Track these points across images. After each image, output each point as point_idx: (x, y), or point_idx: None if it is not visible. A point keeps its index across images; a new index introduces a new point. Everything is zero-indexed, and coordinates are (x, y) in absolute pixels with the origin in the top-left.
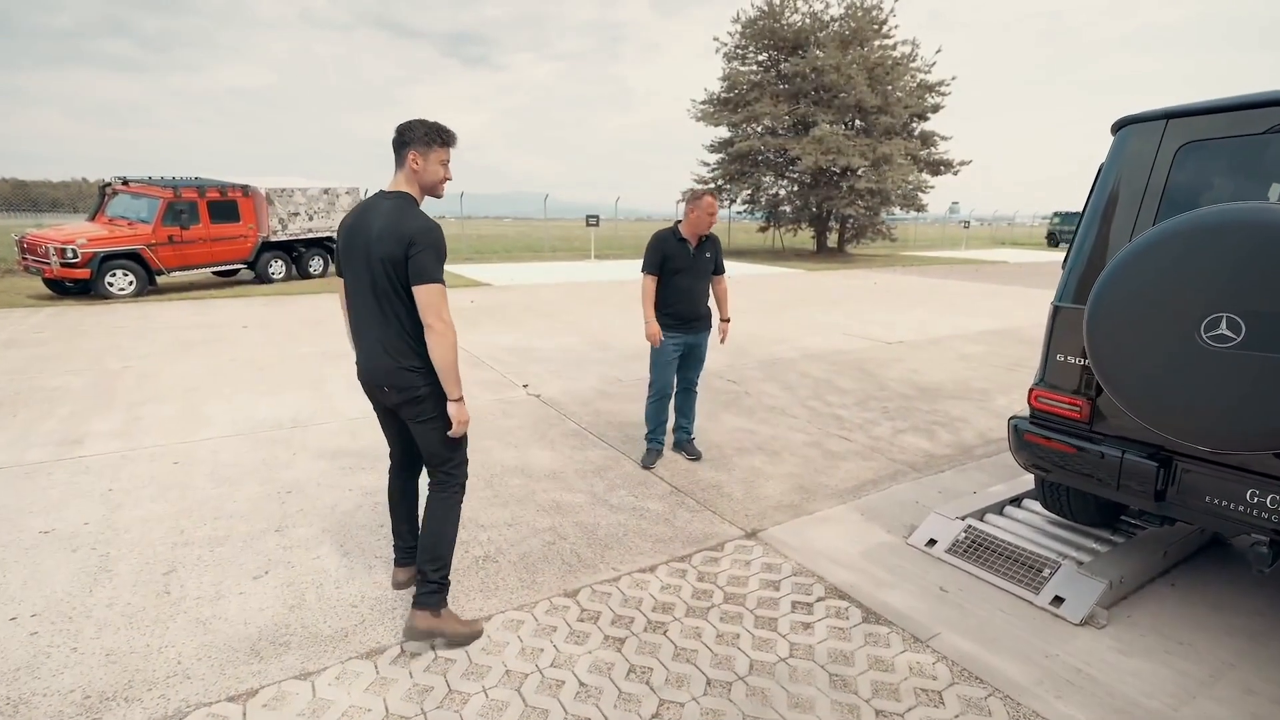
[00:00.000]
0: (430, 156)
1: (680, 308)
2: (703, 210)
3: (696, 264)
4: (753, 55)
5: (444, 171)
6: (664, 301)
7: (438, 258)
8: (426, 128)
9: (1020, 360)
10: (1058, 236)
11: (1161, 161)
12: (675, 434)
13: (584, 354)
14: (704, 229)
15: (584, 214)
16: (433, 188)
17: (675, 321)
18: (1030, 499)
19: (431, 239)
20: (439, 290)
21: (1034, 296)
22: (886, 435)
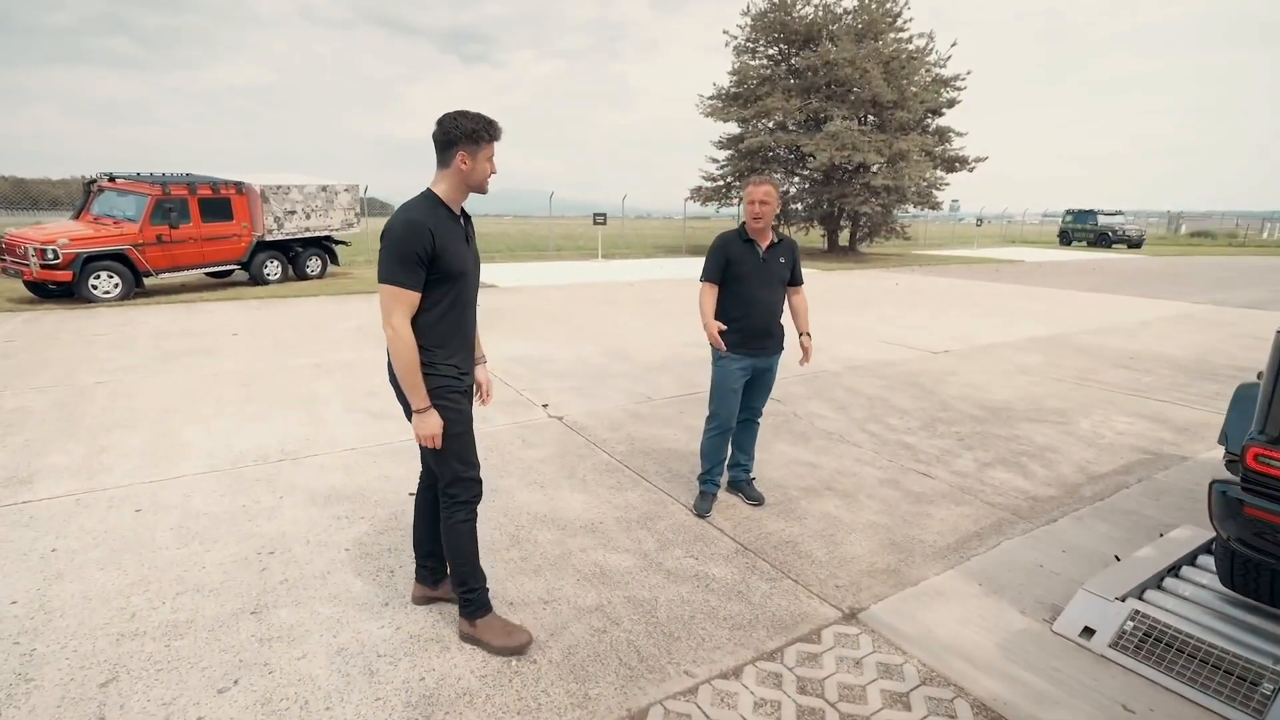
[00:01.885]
0: (479, 155)
1: (746, 322)
2: (748, 201)
3: (766, 270)
4: (763, 49)
5: (491, 167)
6: (726, 314)
7: (393, 257)
8: (475, 123)
9: (1085, 373)
10: (1070, 235)
11: None
12: (731, 471)
13: (604, 366)
14: (762, 225)
15: (585, 212)
16: (480, 185)
17: (740, 339)
18: (1191, 567)
19: (390, 236)
20: (389, 293)
21: (1069, 299)
22: (971, 470)
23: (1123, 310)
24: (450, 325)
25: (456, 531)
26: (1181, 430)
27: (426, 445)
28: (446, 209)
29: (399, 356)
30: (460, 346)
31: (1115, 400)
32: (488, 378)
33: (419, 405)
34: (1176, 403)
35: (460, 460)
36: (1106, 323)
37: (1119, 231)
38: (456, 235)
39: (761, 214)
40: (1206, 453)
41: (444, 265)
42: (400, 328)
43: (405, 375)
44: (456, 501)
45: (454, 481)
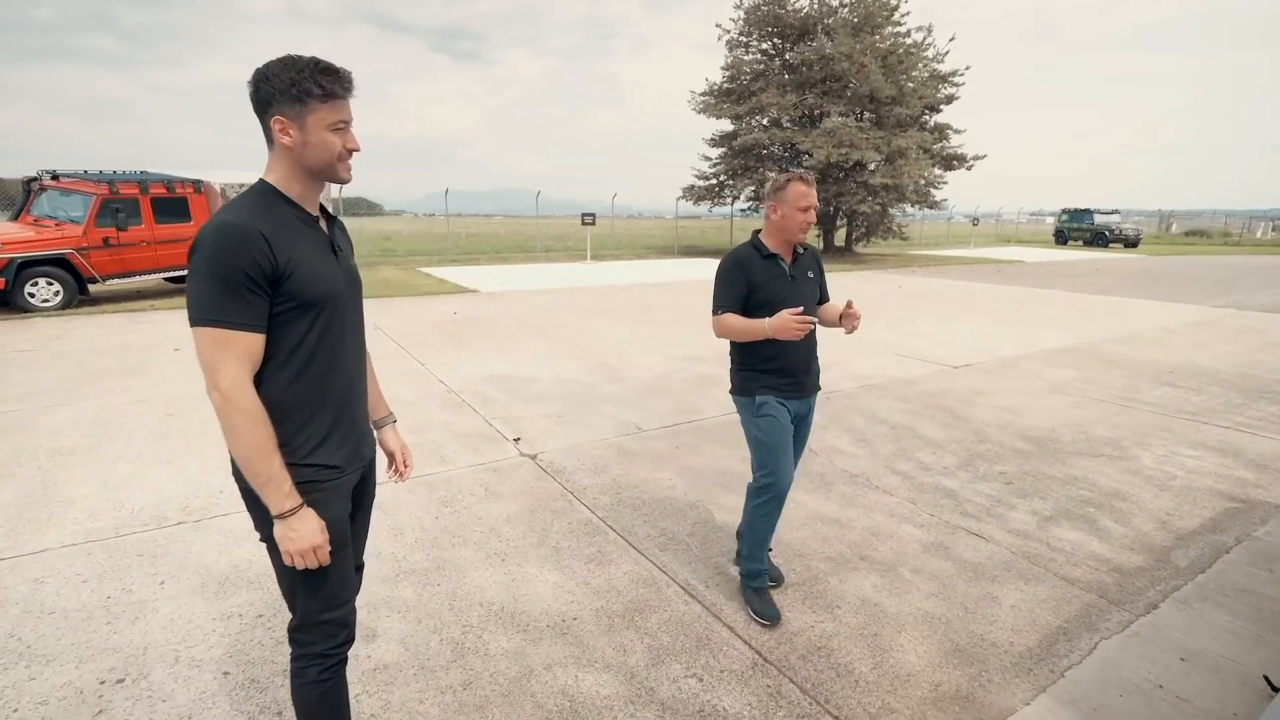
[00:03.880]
0: (309, 121)
1: (782, 361)
2: (792, 204)
3: (797, 291)
4: (756, 43)
5: (339, 141)
6: (754, 354)
7: (209, 282)
8: (296, 73)
9: (1128, 393)
10: (1066, 234)
11: None
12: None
13: (591, 387)
14: (798, 234)
15: (576, 211)
16: (324, 168)
17: (782, 382)
18: None
19: (200, 254)
20: (209, 340)
21: (1082, 302)
22: (1031, 528)
23: (1142, 315)
24: (315, 383)
25: (305, 698)
26: (1261, 467)
27: (301, 564)
28: (291, 206)
29: (240, 436)
30: (335, 415)
31: (1172, 427)
32: (402, 444)
33: (283, 506)
34: (1242, 429)
35: (321, 595)
36: (1130, 330)
37: (1116, 231)
38: (312, 243)
39: (806, 222)
40: None
41: (296, 288)
42: (236, 390)
43: (254, 462)
44: (309, 653)
45: (307, 625)
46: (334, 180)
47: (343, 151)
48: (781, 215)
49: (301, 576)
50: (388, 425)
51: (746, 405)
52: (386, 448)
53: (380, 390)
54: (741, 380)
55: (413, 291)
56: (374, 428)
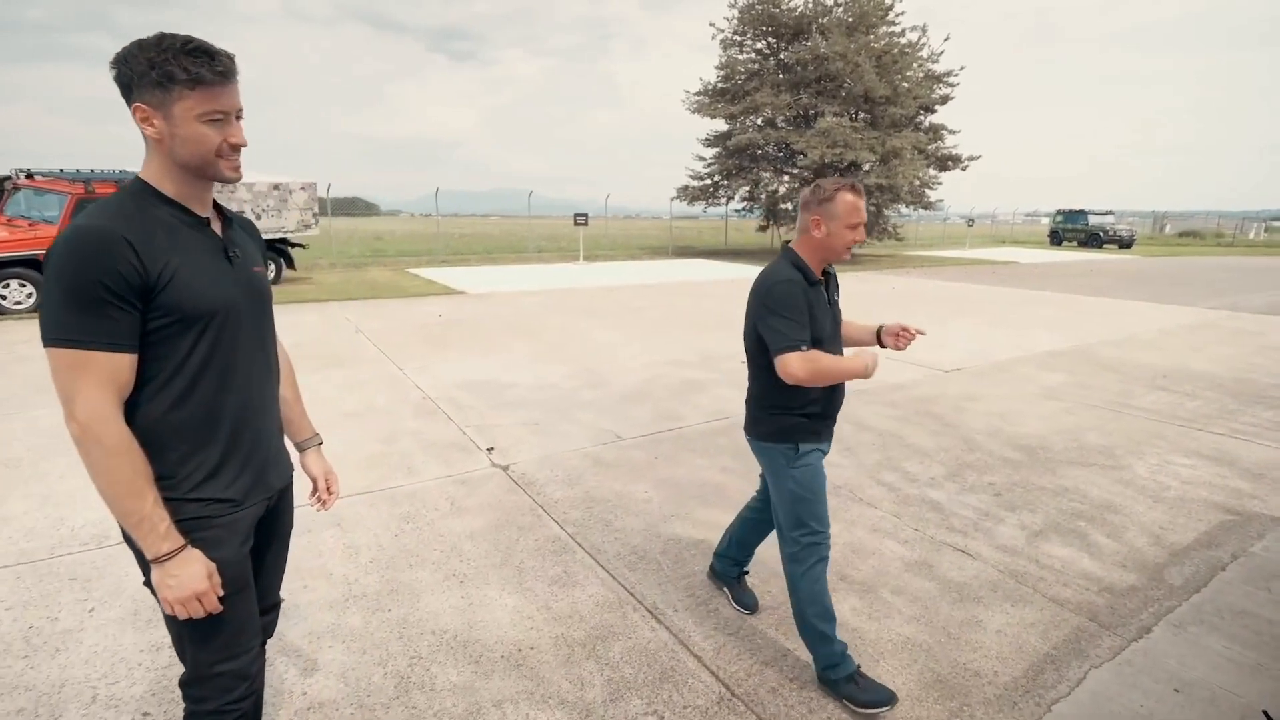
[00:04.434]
0: (173, 110)
1: (832, 402)
2: (842, 220)
3: (835, 320)
4: (750, 42)
5: (215, 134)
6: (796, 398)
7: (62, 296)
8: (155, 53)
9: (1121, 397)
10: (1061, 235)
11: None
12: (720, 561)
13: (571, 393)
14: (844, 255)
15: (574, 211)
16: (201, 165)
17: (824, 425)
18: None
19: (53, 265)
20: (64, 361)
21: (1077, 304)
22: (1020, 544)
23: (1137, 317)
24: (203, 407)
25: None
26: (1257, 476)
27: (183, 613)
28: (170, 206)
29: (101, 472)
30: (229, 443)
31: (1166, 434)
32: (325, 469)
33: (159, 549)
34: (1237, 436)
35: (214, 645)
36: (1125, 332)
37: (1110, 232)
38: (198, 248)
39: (860, 240)
40: None
41: (174, 300)
42: (95, 420)
43: (121, 501)
44: (202, 711)
45: (200, 679)
46: (216, 179)
47: (223, 147)
48: (827, 233)
49: (190, 625)
50: (311, 448)
51: (784, 454)
52: (308, 473)
53: (304, 409)
54: (778, 427)
55: (399, 293)
56: (297, 450)
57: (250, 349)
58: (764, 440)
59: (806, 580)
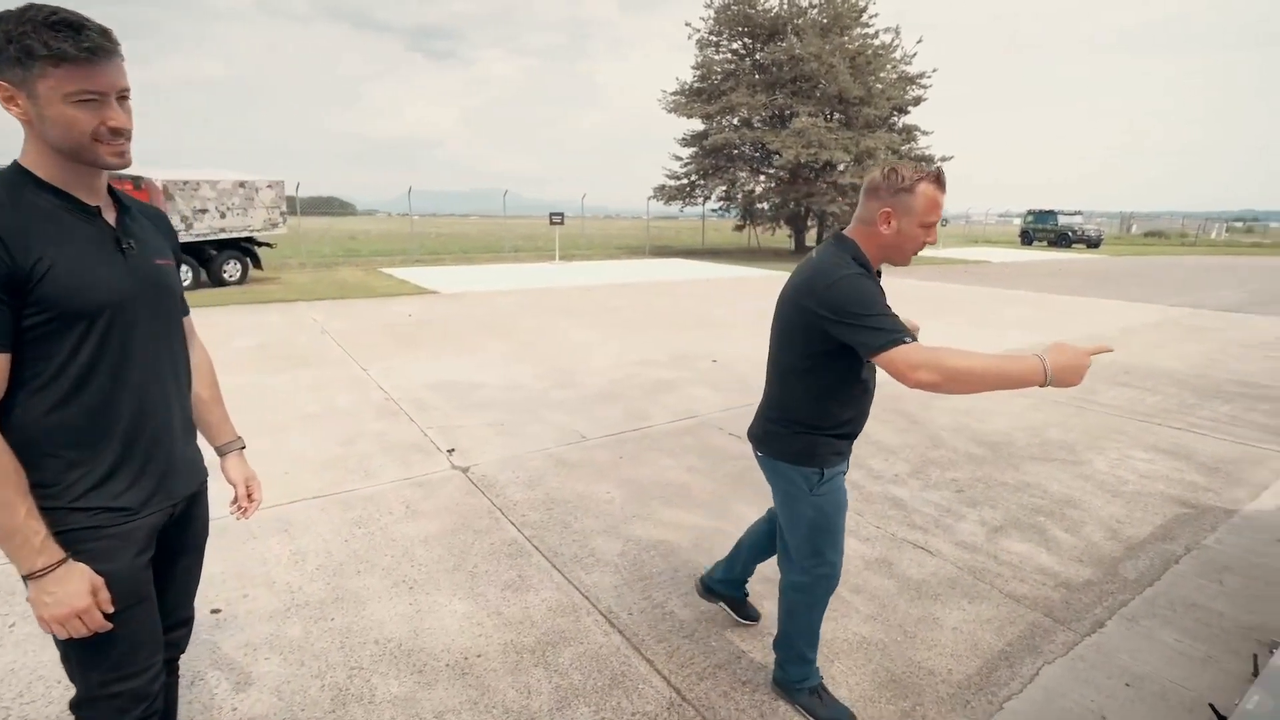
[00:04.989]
0: (38, 89)
1: (858, 423)
2: (919, 216)
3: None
4: (726, 43)
5: (88, 116)
6: (835, 414)
7: None
8: (15, 26)
9: (1083, 394)
10: (1031, 234)
11: None
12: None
13: (539, 393)
14: (909, 257)
15: (552, 211)
16: (74, 149)
17: (847, 444)
18: None
19: None
20: None
21: (1047, 302)
22: (980, 540)
23: (1103, 314)
24: (91, 410)
25: None
26: (1212, 470)
27: (62, 633)
28: (52, 194)
29: None
30: (124, 447)
31: (1126, 429)
32: (246, 475)
33: (33, 564)
34: (1194, 430)
35: (105, 663)
36: (1091, 329)
37: (1079, 231)
38: (85, 239)
39: (930, 242)
40: (1252, 503)
41: (53, 294)
42: None
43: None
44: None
45: (91, 699)
46: (96, 165)
47: (100, 130)
48: (897, 230)
49: (76, 643)
50: (232, 453)
51: (806, 478)
52: (228, 479)
53: (224, 411)
54: (804, 446)
55: (369, 293)
56: (217, 455)
57: (149, 347)
58: (782, 460)
59: (811, 613)
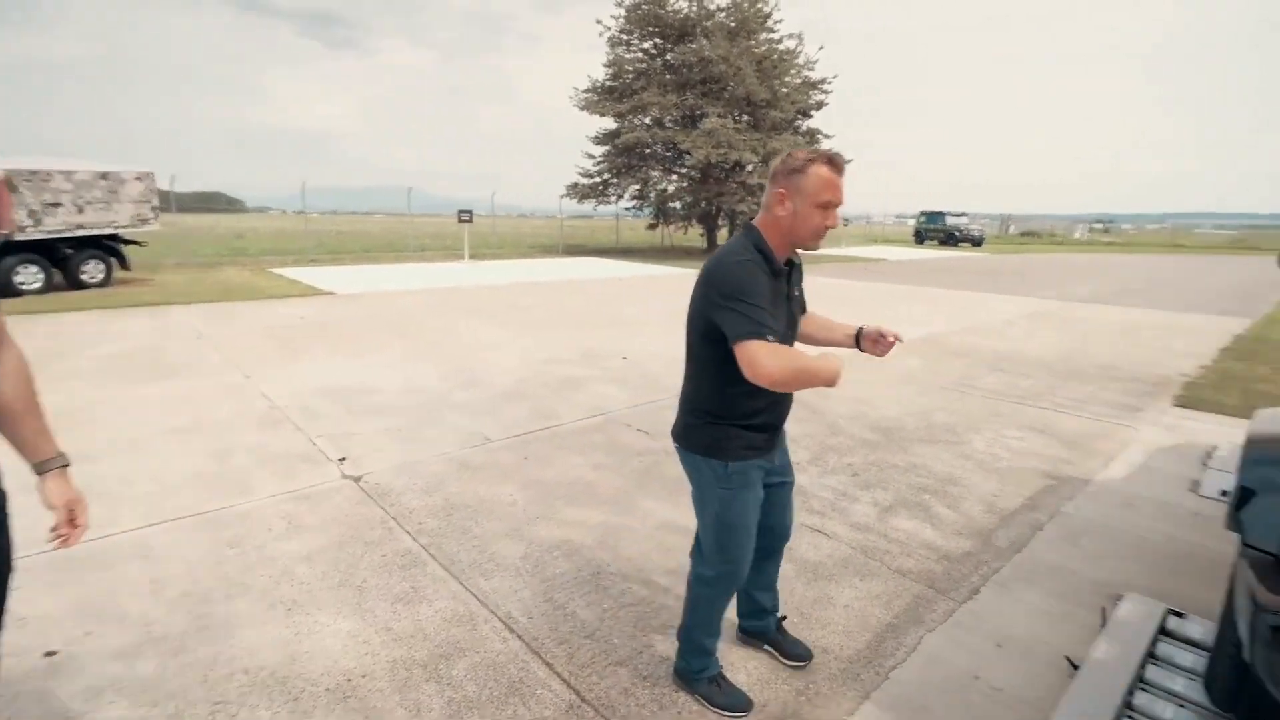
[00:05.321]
0: None
1: (778, 412)
2: (811, 196)
3: (791, 313)
4: (637, 42)
5: None
6: (742, 406)
7: None
8: None
9: (966, 379)
10: (924, 234)
11: None
12: (748, 621)
13: (442, 395)
14: (811, 241)
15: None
16: None
17: (764, 439)
18: (1154, 665)
19: None
20: None
21: (935, 296)
22: (872, 520)
23: (984, 307)
24: None
25: None
26: (1071, 444)
27: None
28: None
29: None
30: None
31: (1001, 411)
32: (68, 497)
33: None
34: (1057, 409)
35: None
36: (973, 321)
37: (964, 231)
38: None
39: (831, 226)
40: (1103, 472)
41: None
42: None
43: None
44: None
45: None
46: None
47: None
48: (793, 210)
49: None
50: (52, 472)
51: (715, 471)
52: (47, 503)
53: (43, 425)
54: (712, 437)
55: (256, 295)
56: (35, 474)
57: None
58: (695, 452)
59: (711, 606)
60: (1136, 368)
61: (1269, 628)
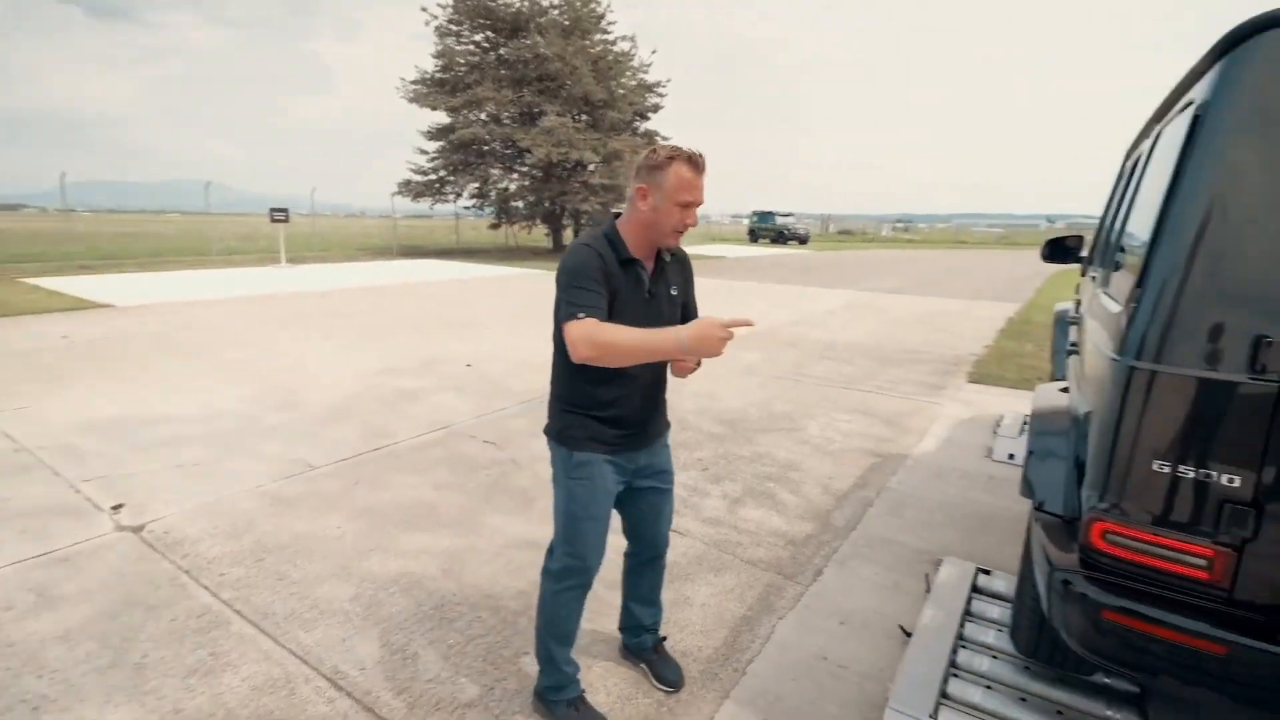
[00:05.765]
0: None
1: (629, 407)
2: (670, 194)
3: (653, 311)
4: (468, 34)
5: None
6: (593, 395)
7: None
8: None
9: (799, 368)
10: (757, 233)
11: None
12: (628, 635)
13: (251, 420)
14: (670, 238)
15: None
16: None
17: (617, 434)
18: (971, 623)
19: None
20: None
21: (769, 291)
22: (723, 513)
23: (810, 300)
24: None
25: None
26: (890, 422)
27: None
28: None
29: None
30: None
31: (831, 396)
32: None
33: None
34: (877, 392)
35: None
36: (802, 313)
37: (792, 230)
38: None
39: (685, 222)
40: (917, 446)
41: None
42: None
43: None
44: None
45: None
46: None
47: None
48: (652, 206)
49: None
50: None
51: (563, 460)
52: None
53: None
54: (563, 424)
55: (2, 311)
56: None
57: None
58: (549, 436)
59: (555, 602)
60: (936, 350)
61: (1061, 583)
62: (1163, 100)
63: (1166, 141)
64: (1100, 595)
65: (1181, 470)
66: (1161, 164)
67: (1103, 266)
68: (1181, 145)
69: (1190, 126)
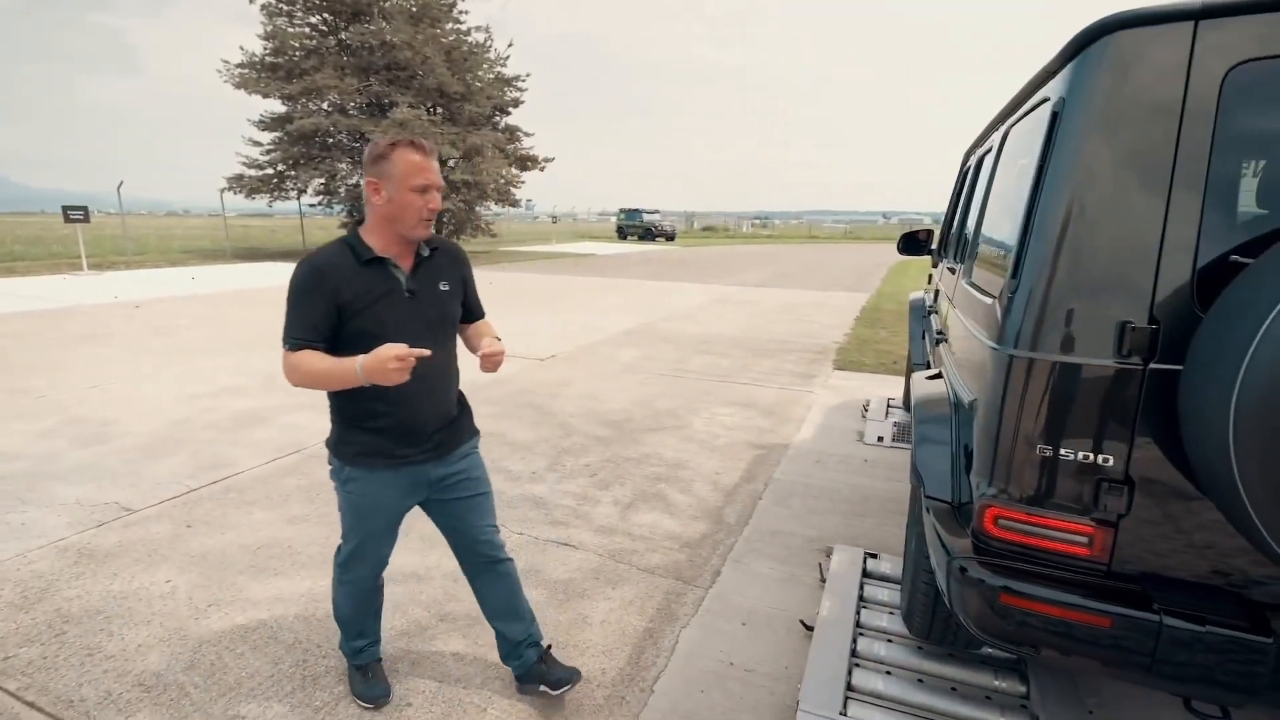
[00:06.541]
0: None
1: (403, 416)
2: (401, 182)
3: (417, 309)
4: (302, 15)
5: None
6: (360, 404)
7: None
8: None
9: (679, 364)
10: (625, 230)
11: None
12: (508, 657)
13: (45, 459)
14: (417, 228)
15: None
16: None
17: (393, 446)
18: (865, 609)
19: None
20: None
21: (641, 287)
22: (615, 520)
23: (682, 295)
24: None
25: None
26: (769, 413)
27: None
28: None
29: None
30: None
31: (712, 390)
32: None
33: None
34: (754, 383)
35: None
36: (675, 308)
37: (659, 227)
38: None
39: (427, 211)
40: (796, 435)
41: None
42: None
43: None
44: None
45: None
46: None
47: None
48: (387, 199)
49: None
50: None
51: (335, 471)
52: None
53: None
54: (336, 435)
55: None
56: None
57: None
58: (326, 446)
59: (338, 591)
60: (802, 340)
61: (959, 569)
62: (1011, 99)
63: (1019, 139)
64: (996, 579)
65: (1063, 452)
66: (1015, 160)
67: (962, 259)
68: (1041, 143)
69: (1049, 124)
